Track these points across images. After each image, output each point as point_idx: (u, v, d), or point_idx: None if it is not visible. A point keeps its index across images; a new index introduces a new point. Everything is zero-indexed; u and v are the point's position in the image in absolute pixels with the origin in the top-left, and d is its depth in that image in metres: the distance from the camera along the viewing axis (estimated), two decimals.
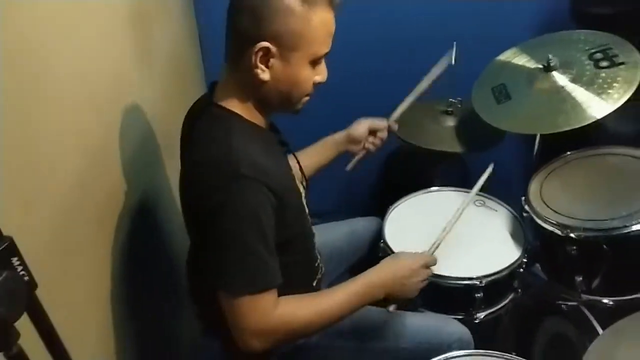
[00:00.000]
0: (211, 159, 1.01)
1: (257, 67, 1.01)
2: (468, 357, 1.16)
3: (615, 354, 0.98)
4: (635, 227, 1.26)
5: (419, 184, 1.70)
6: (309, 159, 1.43)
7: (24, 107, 0.82)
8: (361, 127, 1.48)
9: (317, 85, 1.10)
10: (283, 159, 1.18)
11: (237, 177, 0.97)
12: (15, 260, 0.50)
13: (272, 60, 1.02)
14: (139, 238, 1.27)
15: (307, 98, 1.12)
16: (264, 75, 1.03)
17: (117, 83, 1.20)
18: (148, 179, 1.41)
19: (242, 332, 1.03)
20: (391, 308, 1.20)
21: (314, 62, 1.06)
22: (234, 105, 1.07)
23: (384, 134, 1.52)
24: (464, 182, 1.89)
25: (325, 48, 1.06)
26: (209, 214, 1.00)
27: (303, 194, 1.21)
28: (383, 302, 1.19)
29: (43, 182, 0.87)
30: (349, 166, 1.55)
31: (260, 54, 1.00)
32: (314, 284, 1.27)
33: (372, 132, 1.50)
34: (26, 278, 0.51)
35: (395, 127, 1.54)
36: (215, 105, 1.08)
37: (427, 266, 1.21)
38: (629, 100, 1.36)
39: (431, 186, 1.69)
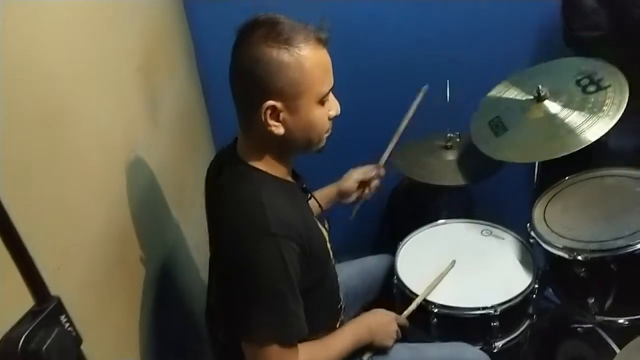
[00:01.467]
0: (243, 217, 1.05)
1: (269, 125, 1.06)
2: None
3: None
4: (639, 246, 1.29)
5: (426, 218, 1.73)
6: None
7: (53, 169, 0.88)
8: (351, 179, 1.52)
9: (332, 119, 1.14)
10: (306, 207, 1.23)
11: (268, 235, 1.02)
12: (63, 318, 0.54)
13: (281, 115, 1.05)
14: (157, 289, 1.30)
15: (327, 134, 1.15)
16: (279, 130, 1.07)
17: (127, 141, 1.25)
18: (161, 231, 1.45)
19: None
20: (366, 357, 1.27)
21: (322, 101, 1.09)
22: (257, 162, 1.12)
23: (377, 181, 1.55)
24: (469, 212, 1.93)
25: (327, 85, 1.08)
26: (240, 269, 1.04)
27: (327, 238, 1.25)
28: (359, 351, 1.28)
29: (74, 238, 0.91)
30: (352, 216, 1.61)
31: (269, 112, 1.04)
32: (337, 326, 1.29)
33: (363, 183, 1.54)
34: (73, 334, 0.55)
35: (383, 171, 1.56)
36: (240, 162, 1.13)
37: (399, 323, 1.34)
38: (622, 119, 1.42)
39: (438, 219, 1.73)
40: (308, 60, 1.04)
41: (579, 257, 1.35)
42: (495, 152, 1.59)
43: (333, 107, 1.13)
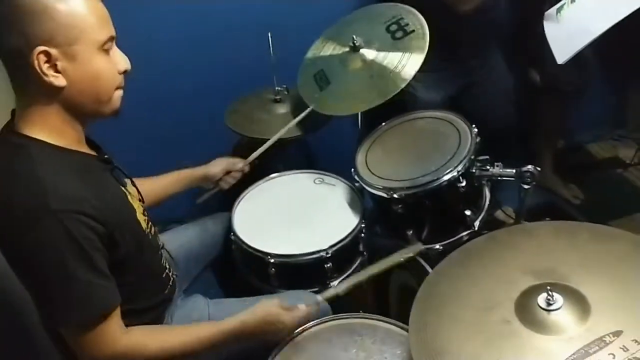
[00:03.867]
0: (18, 196, 0.96)
1: (46, 75, 0.96)
2: (318, 326, 1.27)
3: (439, 291, 1.12)
4: (443, 178, 1.43)
5: (266, 173, 1.76)
6: (162, 188, 1.49)
7: None
8: (218, 167, 1.58)
9: (123, 74, 1.07)
10: (105, 179, 1.13)
11: (49, 213, 0.94)
12: None
13: (59, 64, 0.97)
14: None
15: (119, 92, 1.08)
16: (59, 81, 0.97)
17: None
18: None
19: None
20: None
21: (104, 50, 1.02)
22: (37, 131, 1.01)
23: (238, 175, 1.62)
24: (309, 163, 2.00)
25: (105, 32, 1.01)
26: (26, 255, 0.97)
27: (138, 210, 1.19)
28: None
29: None
30: (201, 199, 1.64)
31: (43, 59, 0.95)
32: (166, 292, 1.28)
33: (227, 172, 1.59)
34: None
35: (247, 169, 1.65)
36: (14, 133, 1.01)
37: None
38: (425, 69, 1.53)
39: (277, 172, 1.77)
40: (77, 5, 0.97)
41: (395, 195, 1.46)
42: (321, 107, 1.66)
43: (120, 60, 1.06)
